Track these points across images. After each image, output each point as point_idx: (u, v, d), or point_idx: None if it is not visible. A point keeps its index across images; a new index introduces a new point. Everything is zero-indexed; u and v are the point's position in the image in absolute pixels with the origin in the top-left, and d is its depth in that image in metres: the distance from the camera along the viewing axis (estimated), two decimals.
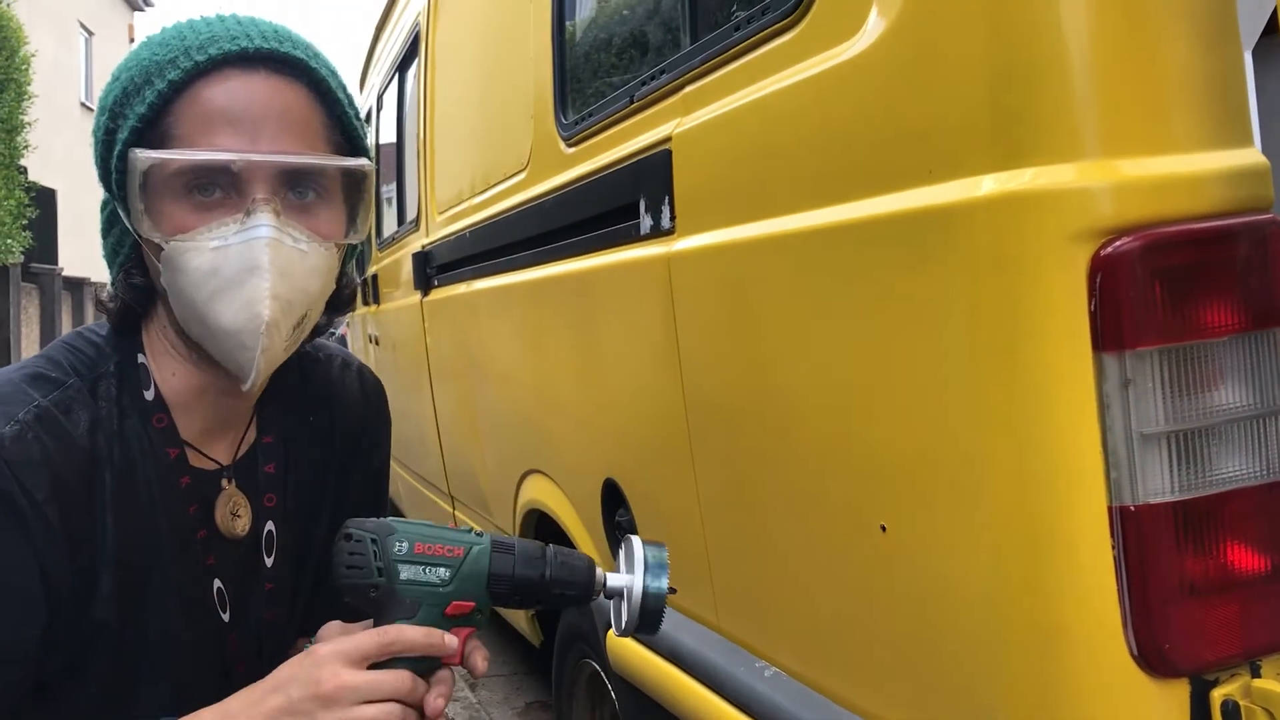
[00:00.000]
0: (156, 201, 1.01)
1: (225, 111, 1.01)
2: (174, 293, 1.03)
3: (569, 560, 1.06)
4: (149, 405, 1.09)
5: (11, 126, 8.18)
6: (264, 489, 1.18)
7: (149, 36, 1.08)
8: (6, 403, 1.00)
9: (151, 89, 1.01)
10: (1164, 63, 0.99)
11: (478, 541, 1.04)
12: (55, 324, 11.37)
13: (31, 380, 1.04)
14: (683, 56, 1.57)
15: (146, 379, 1.09)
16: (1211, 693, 0.96)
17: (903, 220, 1.08)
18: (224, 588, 1.14)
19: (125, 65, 1.06)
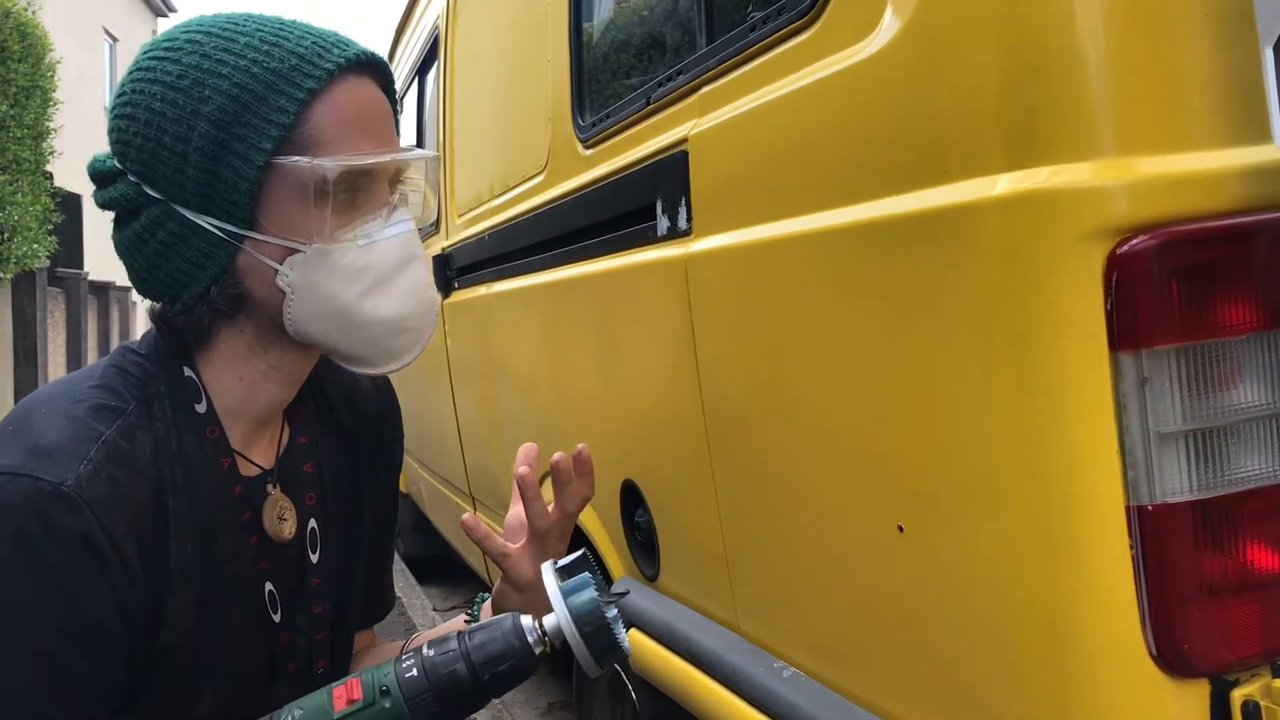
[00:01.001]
0: (287, 208, 1.02)
1: (359, 116, 1.05)
2: (311, 293, 1.04)
3: (498, 659, 0.93)
4: (201, 418, 1.09)
5: (38, 132, 8.26)
6: (305, 488, 1.19)
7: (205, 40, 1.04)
8: (77, 440, 0.99)
9: (287, 98, 1.01)
10: (1180, 59, 0.98)
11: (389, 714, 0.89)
12: (81, 328, 11.46)
13: (95, 413, 1.02)
14: (699, 58, 1.57)
15: (197, 392, 1.09)
16: (1231, 693, 0.96)
17: (918, 220, 1.08)
18: (275, 590, 1.15)
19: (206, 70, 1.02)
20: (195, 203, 1.02)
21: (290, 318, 1.06)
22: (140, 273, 1.08)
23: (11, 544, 0.94)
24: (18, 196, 7.72)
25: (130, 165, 1.04)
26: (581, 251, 2.05)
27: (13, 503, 0.95)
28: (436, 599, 4.88)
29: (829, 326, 1.25)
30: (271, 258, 1.04)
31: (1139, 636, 0.95)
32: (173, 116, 1.02)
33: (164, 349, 1.11)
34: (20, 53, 7.84)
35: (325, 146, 1.03)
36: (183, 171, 1.02)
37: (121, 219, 1.07)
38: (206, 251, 1.04)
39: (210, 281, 1.05)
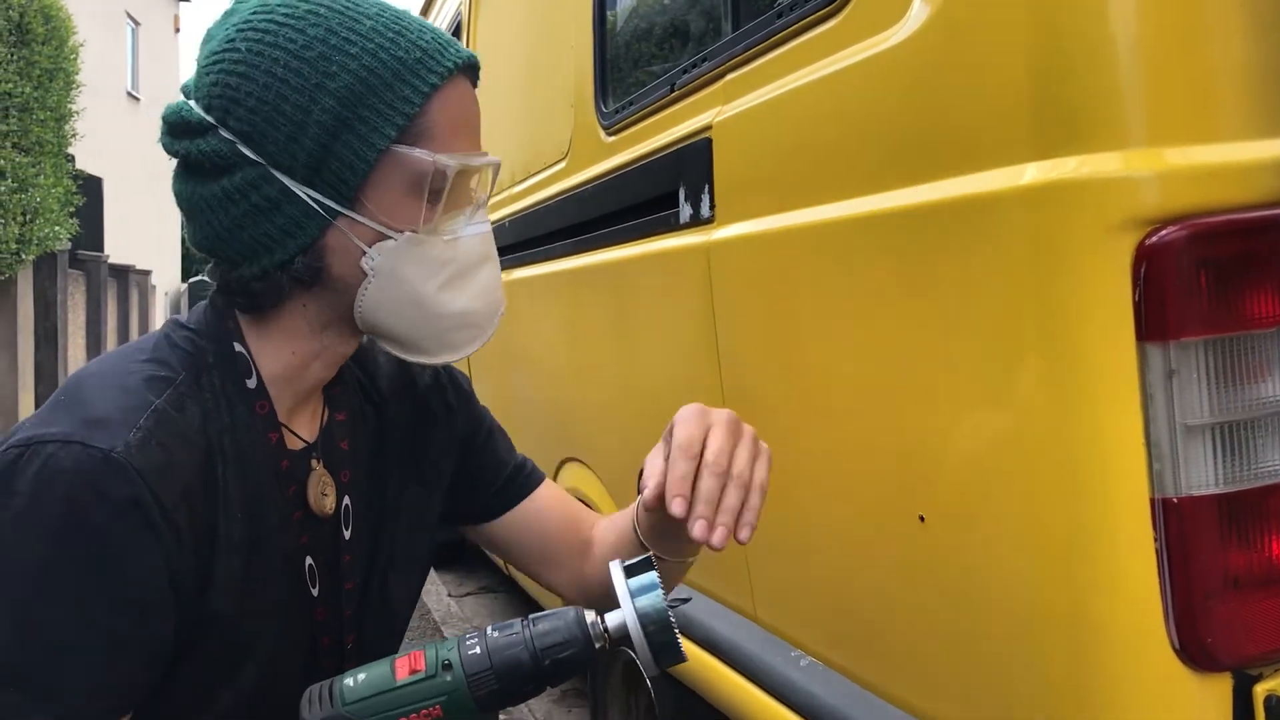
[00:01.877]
0: (390, 194, 1.04)
1: (465, 117, 1.08)
2: (391, 280, 1.06)
3: (560, 646, 0.93)
4: (251, 393, 1.10)
5: (60, 115, 8.27)
6: (341, 465, 1.20)
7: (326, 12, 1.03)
8: (127, 409, 0.99)
9: (413, 89, 1.03)
10: (1212, 50, 0.97)
11: (450, 688, 0.90)
12: (101, 310, 11.52)
13: (146, 383, 1.02)
14: (724, 44, 1.57)
15: (247, 367, 1.10)
16: (1255, 687, 0.96)
17: (945, 209, 1.08)
18: (314, 565, 1.16)
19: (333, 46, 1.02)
20: (301, 173, 1.02)
21: (363, 300, 1.07)
22: (219, 230, 1.05)
23: (62, 510, 0.95)
24: (40, 179, 7.75)
25: (233, 123, 1.02)
26: (603, 239, 2.05)
27: (64, 469, 0.95)
28: (451, 585, 4.90)
29: (852, 315, 1.25)
30: (361, 239, 1.04)
31: (1162, 629, 0.94)
32: (295, 85, 1.01)
33: (213, 323, 1.11)
34: (44, 35, 7.86)
35: (437, 141, 1.04)
36: (296, 141, 1.01)
37: (203, 173, 1.05)
38: (299, 221, 1.04)
39: (296, 251, 1.04)
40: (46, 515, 0.95)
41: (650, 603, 0.93)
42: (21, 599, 0.95)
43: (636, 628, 0.93)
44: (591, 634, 0.94)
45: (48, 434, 0.97)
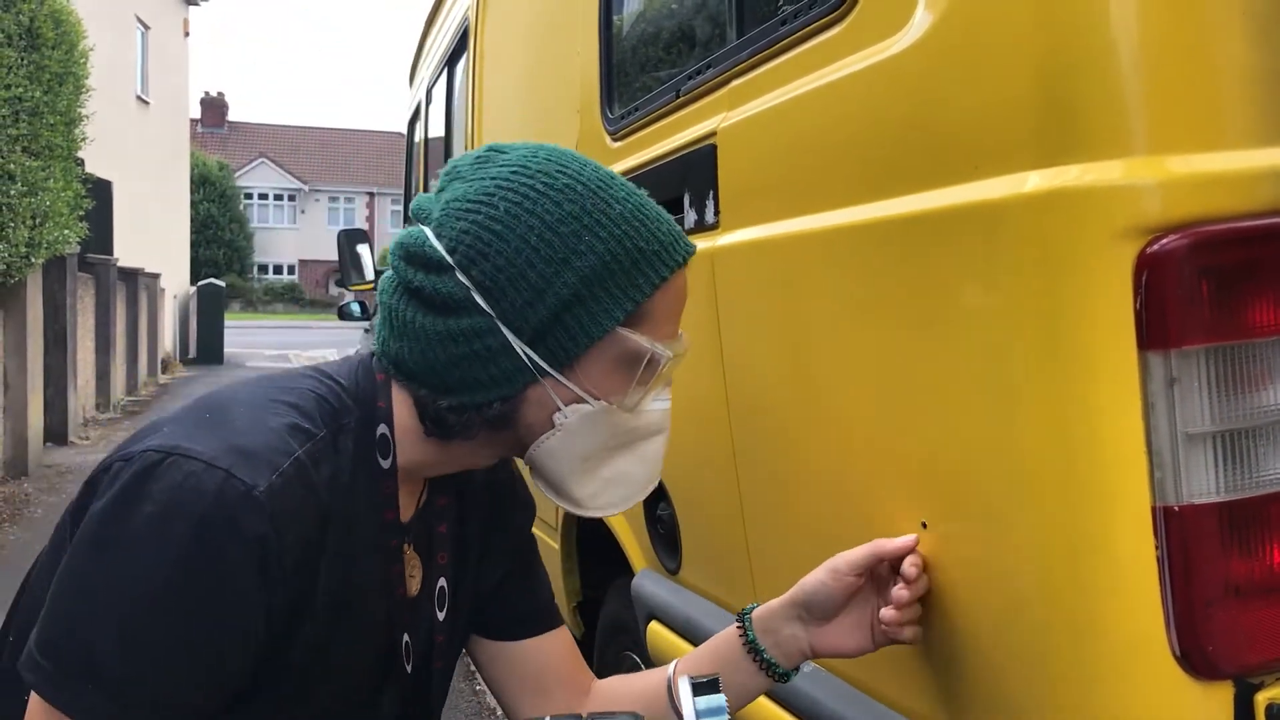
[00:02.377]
0: (599, 367, 1.11)
1: (679, 305, 1.16)
2: (574, 437, 1.13)
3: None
4: (383, 472, 1.14)
5: (70, 119, 8.29)
6: (438, 547, 1.26)
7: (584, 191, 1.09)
8: (273, 451, 1.04)
9: (646, 279, 1.10)
10: (1214, 58, 0.97)
11: None
12: (110, 314, 11.54)
13: (291, 430, 1.07)
14: (729, 51, 1.57)
15: (386, 449, 1.15)
16: (1255, 696, 0.95)
17: (948, 217, 1.08)
18: (410, 642, 1.22)
19: (585, 226, 1.07)
20: (527, 334, 1.08)
21: (540, 447, 1.14)
22: (433, 362, 1.10)
23: (193, 530, 0.98)
24: (49, 182, 7.77)
25: (474, 273, 1.07)
26: None
27: (204, 491, 0.99)
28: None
29: (855, 322, 1.25)
30: (560, 398, 1.11)
31: (1163, 637, 0.94)
32: (545, 256, 1.06)
33: (366, 393, 1.15)
34: (54, 39, 7.88)
35: (652, 325, 1.12)
36: (532, 306, 1.07)
37: (430, 306, 1.08)
38: (510, 374, 1.09)
39: (498, 398, 1.10)
40: (177, 530, 0.98)
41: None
42: (132, 605, 0.98)
43: None
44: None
45: (194, 450, 1.01)
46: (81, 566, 0.99)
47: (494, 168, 1.12)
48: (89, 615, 0.98)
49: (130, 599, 0.97)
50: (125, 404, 12.22)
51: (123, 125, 15.41)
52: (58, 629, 0.99)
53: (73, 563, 1.00)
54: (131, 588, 0.97)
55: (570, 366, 1.10)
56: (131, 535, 0.98)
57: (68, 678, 0.97)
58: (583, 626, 2.77)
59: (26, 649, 0.99)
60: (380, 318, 1.13)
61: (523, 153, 1.13)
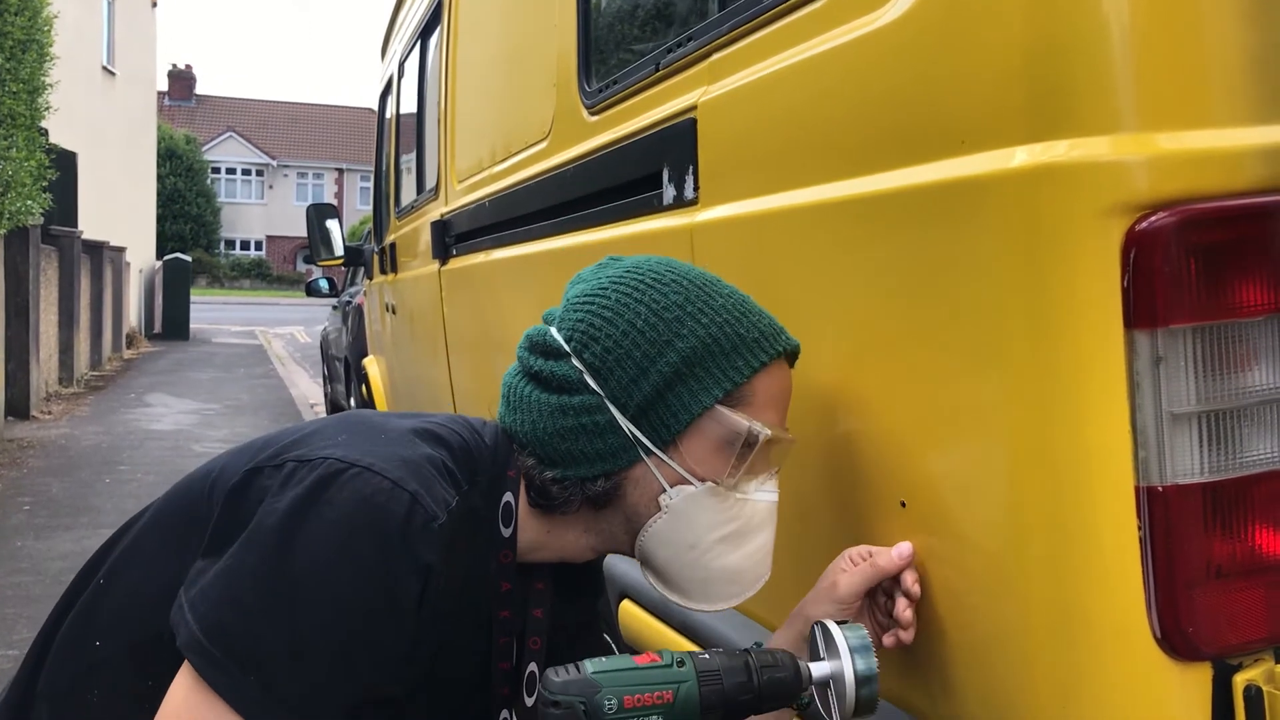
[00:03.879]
0: (702, 446, 1.15)
1: (782, 394, 1.20)
2: (680, 521, 1.16)
3: (774, 667, 1.04)
4: (502, 539, 1.18)
5: (33, 87, 8.14)
6: (532, 631, 1.27)
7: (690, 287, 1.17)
8: (444, 490, 1.08)
9: (745, 363, 1.15)
10: (1205, 35, 0.96)
11: (684, 678, 1.01)
12: (74, 287, 11.38)
13: (449, 474, 1.12)
14: (710, 24, 1.55)
15: (509, 517, 1.18)
16: (1234, 677, 0.95)
17: (933, 192, 1.06)
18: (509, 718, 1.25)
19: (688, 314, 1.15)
20: (632, 411, 1.14)
21: (649, 531, 1.17)
22: (543, 434, 1.17)
23: (377, 546, 1.02)
24: (12, 152, 7.63)
25: (587, 356, 1.15)
26: (585, 219, 2.03)
27: (392, 511, 1.03)
28: None
29: (837, 299, 1.24)
30: (666, 478, 1.15)
31: (1144, 618, 0.94)
32: (650, 338, 1.14)
33: (501, 461, 1.19)
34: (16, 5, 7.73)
35: (753, 409, 1.16)
36: (636, 384, 1.14)
37: (547, 386, 1.17)
38: (615, 450, 1.15)
39: (601, 473, 1.16)
40: (361, 543, 1.02)
41: (866, 661, 1.03)
42: (308, 607, 1.00)
43: (851, 682, 1.02)
44: (802, 682, 1.05)
45: (379, 466, 1.05)
46: (260, 561, 1.01)
47: (610, 269, 1.23)
48: (263, 610, 1.00)
49: (307, 601, 1.00)
50: (89, 379, 12.08)
51: (88, 96, 15.18)
52: (230, 617, 1.00)
53: (249, 556, 1.02)
54: (311, 588, 1.00)
55: (673, 445, 1.15)
56: (314, 539, 1.01)
57: (232, 663, 0.99)
58: None
59: (190, 629, 1.01)
60: (501, 396, 1.22)
61: (637, 259, 1.24)
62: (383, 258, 4.81)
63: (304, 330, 21.34)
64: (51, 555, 4.95)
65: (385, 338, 5.03)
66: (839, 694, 1.04)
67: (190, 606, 1.02)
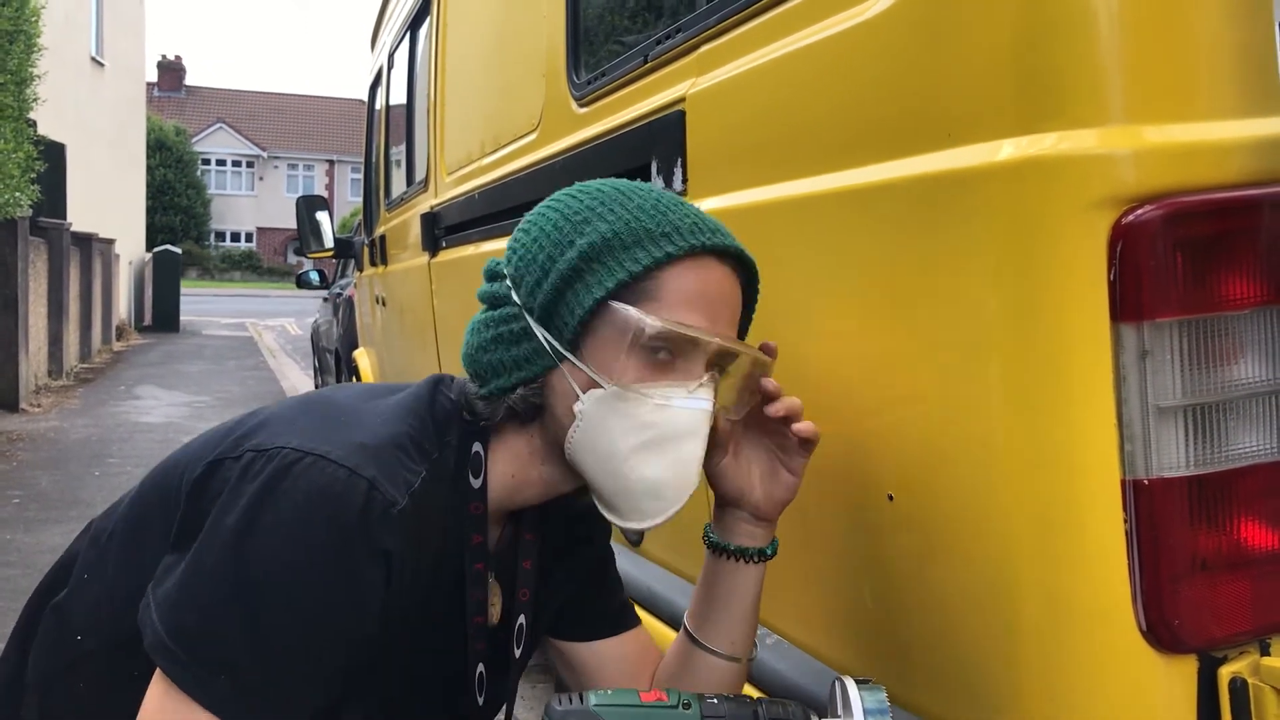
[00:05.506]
0: (608, 347, 1.11)
1: (702, 293, 1.12)
2: (595, 428, 1.11)
3: (780, 711, 1.02)
4: (473, 491, 1.17)
5: (21, 78, 8.10)
6: (521, 583, 1.26)
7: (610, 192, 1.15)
8: (408, 470, 1.08)
9: (646, 253, 1.10)
10: (1193, 28, 0.96)
11: (684, 714, 0.99)
12: (63, 279, 11.34)
13: (416, 448, 1.11)
14: (699, 15, 1.55)
15: (478, 467, 1.17)
16: (1220, 670, 0.95)
17: (920, 185, 1.06)
18: (485, 672, 1.23)
19: (596, 214, 1.12)
20: (539, 314, 1.13)
21: (571, 442, 1.13)
22: (471, 350, 1.18)
23: (334, 536, 1.01)
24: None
25: (509, 270, 1.16)
26: None
27: (348, 500, 1.02)
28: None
29: (825, 292, 1.23)
30: (578, 384, 1.12)
31: (1129, 610, 0.94)
32: (554, 239, 1.13)
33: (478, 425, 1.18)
34: None
35: (659, 306, 1.10)
36: (540, 286, 1.12)
37: (485, 307, 1.19)
38: (529, 356, 1.14)
39: (520, 382, 1.14)
40: (318, 534, 1.01)
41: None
42: (268, 602, 1.00)
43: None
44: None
45: (334, 454, 1.04)
46: (218, 561, 1.01)
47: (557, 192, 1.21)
48: (223, 611, 1.00)
49: (267, 599, 1.00)
50: (78, 371, 12.04)
51: (77, 87, 15.10)
52: (191, 616, 1.00)
53: (207, 556, 1.02)
54: (269, 585, 1.00)
55: (581, 348, 1.12)
56: (270, 535, 1.00)
57: (199, 664, 0.99)
58: None
59: (155, 631, 1.01)
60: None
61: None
62: (373, 250, 4.80)
63: (295, 322, 21.30)
64: (41, 548, 4.93)
65: (376, 330, 5.02)
66: None
67: (156, 607, 1.02)
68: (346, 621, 1.03)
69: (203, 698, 0.98)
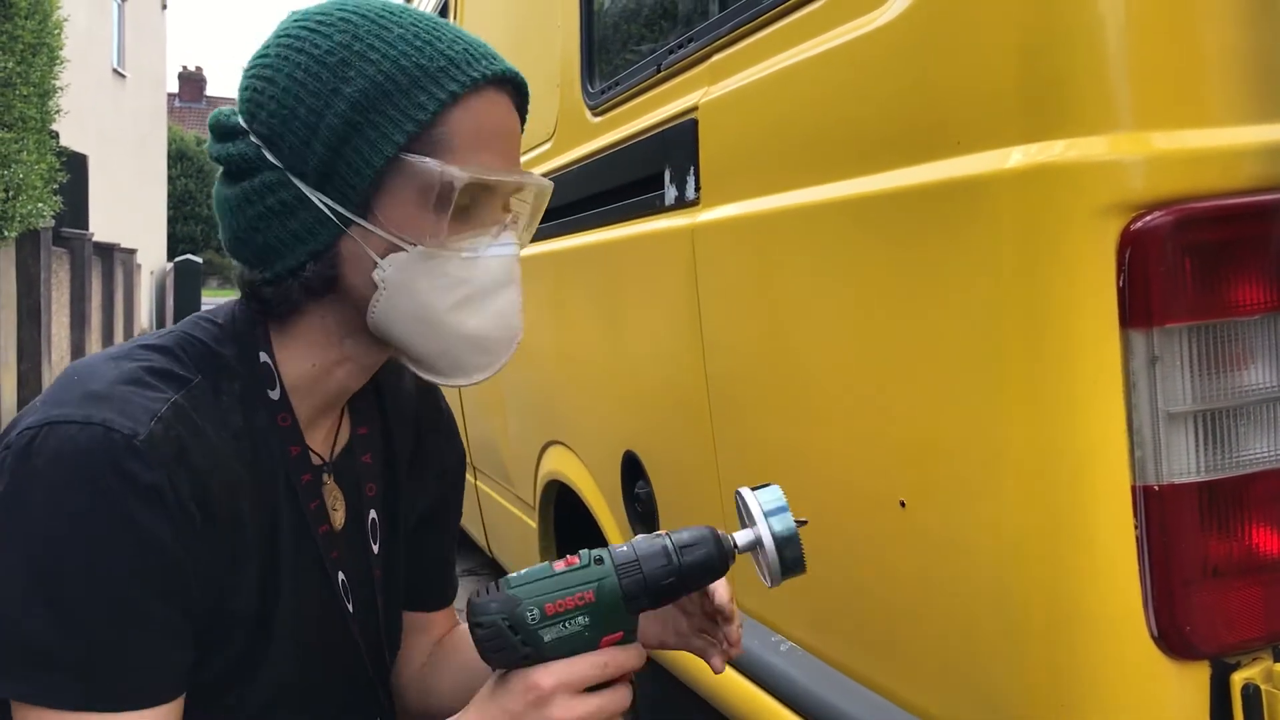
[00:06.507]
0: (402, 205, 1.02)
1: (494, 130, 1.05)
2: (402, 293, 1.04)
3: (692, 545, 1.02)
4: (274, 404, 1.09)
5: (44, 91, 8.19)
6: (365, 479, 1.20)
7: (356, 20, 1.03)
8: (147, 399, 0.99)
9: (429, 96, 1.01)
10: (1201, 34, 0.96)
11: (603, 575, 1.00)
12: (85, 289, 11.44)
13: (162, 377, 1.02)
14: (711, 24, 1.55)
15: (271, 378, 1.09)
16: (1232, 676, 0.95)
17: (930, 193, 1.07)
18: (346, 580, 1.17)
19: (355, 52, 1.01)
20: (313, 178, 1.01)
21: (375, 312, 1.05)
22: (237, 232, 1.06)
23: (87, 490, 0.94)
24: (23, 155, 7.67)
25: (257, 127, 1.03)
26: (587, 220, 2.04)
27: (87, 450, 0.94)
28: None
29: (836, 299, 1.24)
30: (374, 249, 1.03)
31: (1141, 617, 0.94)
32: (312, 89, 1.01)
33: (242, 327, 1.10)
34: (27, 9, 7.78)
35: (455, 153, 1.02)
36: (309, 145, 1.01)
37: (232, 176, 1.05)
38: (311, 227, 1.03)
39: (308, 257, 1.04)
40: (72, 495, 0.94)
41: (783, 521, 1.03)
42: (50, 579, 0.94)
43: (770, 545, 1.02)
44: (724, 545, 1.03)
45: (63, 414, 0.96)
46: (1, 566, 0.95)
47: (280, 27, 1.07)
48: (19, 604, 0.93)
49: (47, 574, 0.94)
50: None
51: (99, 98, 15.24)
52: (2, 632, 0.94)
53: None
54: (45, 563, 0.94)
55: (371, 210, 1.02)
56: (29, 514, 0.94)
57: (20, 669, 0.94)
58: None
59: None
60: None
61: (312, 6, 1.08)
62: None
63: None
64: None
65: None
66: (764, 560, 1.03)
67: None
68: (147, 570, 0.96)
69: (33, 695, 0.93)
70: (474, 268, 1.05)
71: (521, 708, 0.97)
